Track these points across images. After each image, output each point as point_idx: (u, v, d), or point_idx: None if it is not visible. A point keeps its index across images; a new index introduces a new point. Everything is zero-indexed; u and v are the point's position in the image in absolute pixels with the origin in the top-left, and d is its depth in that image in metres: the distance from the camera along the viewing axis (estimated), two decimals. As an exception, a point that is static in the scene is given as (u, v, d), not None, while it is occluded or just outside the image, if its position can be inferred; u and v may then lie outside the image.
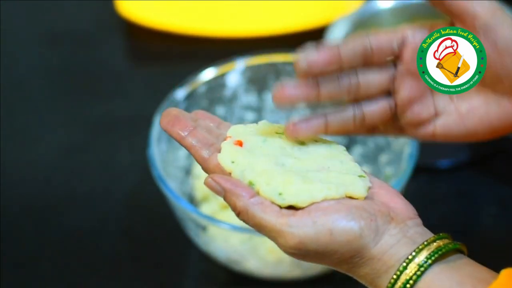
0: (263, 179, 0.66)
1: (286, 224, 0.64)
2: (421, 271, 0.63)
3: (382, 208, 0.66)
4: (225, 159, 0.68)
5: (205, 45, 1.36)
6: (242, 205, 0.65)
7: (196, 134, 0.70)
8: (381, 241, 0.65)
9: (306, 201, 0.65)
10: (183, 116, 0.72)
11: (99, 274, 1.06)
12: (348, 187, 0.66)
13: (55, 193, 1.16)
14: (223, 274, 1.05)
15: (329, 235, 0.64)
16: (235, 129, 0.72)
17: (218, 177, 0.67)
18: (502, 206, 1.11)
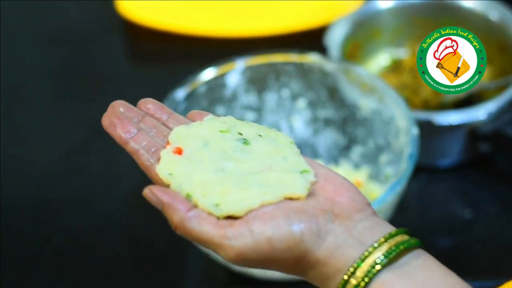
0: (200, 191, 0.64)
1: (224, 236, 0.62)
2: (369, 278, 0.60)
3: (324, 206, 0.63)
4: (163, 171, 0.66)
5: (205, 45, 1.36)
6: (178, 220, 0.63)
7: (139, 139, 0.68)
8: (325, 243, 0.62)
9: (243, 210, 0.63)
10: (126, 117, 0.70)
11: (99, 274, 1.06)
12: (286, 188, 0.64)
13: (55, 193, 1.16)
14: (223, 274, 1.05)
15: (268, 244, 0.61)
16: (177, 132, 0.69)
17: (156, 190, 0.65)
18: (502, 206, 1.11)
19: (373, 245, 0.61)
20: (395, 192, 0.96)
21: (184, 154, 0.67)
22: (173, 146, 0.68)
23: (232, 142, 0.68)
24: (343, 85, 1.12)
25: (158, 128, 0.70)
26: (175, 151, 0.67)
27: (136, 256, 1.08)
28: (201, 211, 0.63)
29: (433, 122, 1.08)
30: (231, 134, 0.69)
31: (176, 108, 1.08)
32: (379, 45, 1.26)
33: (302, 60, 1.12)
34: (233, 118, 0.71)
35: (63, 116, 1.27)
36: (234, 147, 0.68)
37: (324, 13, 1.35)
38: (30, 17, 1.45)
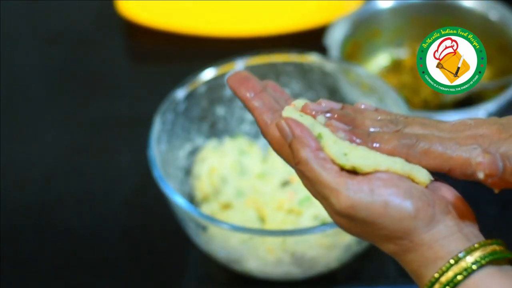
0: (330, 136, 0.65)
1: (344, 184, 0.62)
2: (471, 269, 0.61)
3: (442, 200, 0.64)
4: (291, 111, 0.67)
5: (205, 45, 1.36)
6: (305, 155, 0.63)
7: (262, 98, 0.69)
8: (434, 229, 0.62)
9: (370, 166, 0.63)
10: (252, 78, 0.70)
11: (99, 274, 1.06)
12: (413, 169, 0.64)
13: (55, 193, 1.16)
14: (223, 274, 1.05)
15: (384, 207, 0.62)
16: (301, 102, 0.69)
17: (291, 121, 0.65)
18: (502, 206, 1.11)
19: (479, 243, 0.62)
20: (395, 192, 0.96)
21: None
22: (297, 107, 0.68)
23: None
24: (343, 85, 1.12)
25: (279, 100, 0.70)
26: (301, 110, 0.68)
27: (136, 256, 1.08)
28: (327, 156, 0.64)
29: (433, 122, 1.08)
30: None
31: (176, 108, 1.08)
32: (379, 45, 1.27)
33: (302, 60, 1.12)
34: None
35: (63, 116, 1.27)
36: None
37: (324, 13, 1.35)
38: (30, 17, 1.45)
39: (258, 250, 0.98)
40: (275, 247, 0.97)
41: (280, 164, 1.11)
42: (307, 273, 1.01)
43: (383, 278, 1.02)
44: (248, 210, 1.04)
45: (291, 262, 0.99)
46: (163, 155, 1.04)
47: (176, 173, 1.08)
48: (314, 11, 1.37)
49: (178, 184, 1.07)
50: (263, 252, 0.98)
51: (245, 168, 1.10)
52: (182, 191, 1.06)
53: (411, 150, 0.66)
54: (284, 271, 1.00)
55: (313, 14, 1.36)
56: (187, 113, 1.10)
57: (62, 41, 1.40)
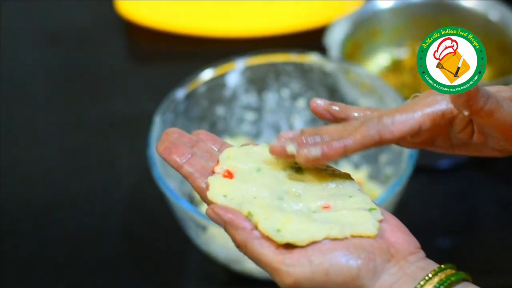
0: (261, 212, 0.63)
1: (282, 262, 0.62)
2: None
3: (382, 245, 0.64)
4: (215, 195, 0.65)
5: (205, 45, 1.36)
6: (241, 239, 0.64)
7: (193, 162, 0.68)
8: (379, 281, 0.62)
9: (305, 240, 0.62)
10: (180, 142, 0.70)
11: (99, 274, 1.06)
12: (356, 227, 0.63)
13: (55, 193, 1.16)
14: (223, 274, 1.05)
15: (325, 275, 0.62)
16: (228, 153, 0.68)
17: (218, 208, 0.65)
18: (502, 206, 1.11)
19: (425, 278, 0.62)
20: (395, 192, 0.96)
21: (236, 177, 0.66)
22: (223, 168, 0.67)
23: (285, 170, 0.67)
24: (343, 85, 1.12)
25: (211, 153, 0.70)
26: (225, 175, 0.67)
27: (136, 256, 1.08)
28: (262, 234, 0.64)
29: (433, 122, 1.08)
30: (284, 161, 0.67)
31: (176, 108, 1.08)
32: (379, 45, 1.26)
33: (302, 60, 1.12)
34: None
35: (63, 116, 1.27)
36: (288, 175, 0.67)
37: (324, 13, 1.35)
38: (30, 17, 1.45)
39: (258, 250, 0.98)
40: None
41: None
42: (307, 273, 1.01)
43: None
44: (248, 210, 1.04)
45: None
46: (163, 155, 1.04)
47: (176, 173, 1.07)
48: (314, 11, 1.37)
49: (178, 184, 1.07)
50: (263, 252, 0.98)
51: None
52: (182, 191, 1.06)
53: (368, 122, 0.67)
54: (284, 271, 1.00)
55: (313, 14, 1.36)
56: (187, 113, 1.10)
57: (62, 41, 1.40)
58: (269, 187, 0.66)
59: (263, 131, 1.16)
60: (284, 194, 0.65)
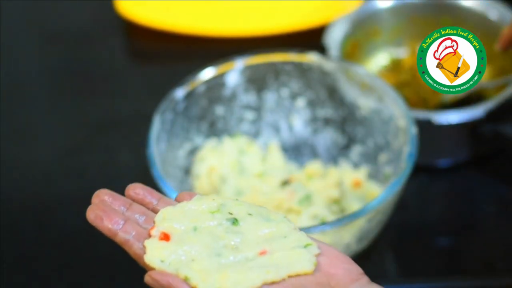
0: (198, 276, 0.64)
1: None
2: None
3: (321, 279, 0.64)
4: (153, 260, 0.66)
5: (204, 45, 1.36)
6: None
7: (128, 228, 0.67)
8: None
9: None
10: (111, 209, 0.69)
11: (99, 274, 1.06)
12: (293, 267, 0.64)
13: (55, 193, 1.16)
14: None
15: None
16: (163, 214, 0.68)
17: (155, 274, 0.65)
18: (502, 206, 1.11)
19: None
20: (394, 192, 0.96)
21: (173, 239, 0.67)
22: (159, 230, 0.67)
23: (221, 224, 0.68)
24: (343, 85, 1.12)
25: (148, 215, 0.69)
26: (161, 237, 0.67)
27: (136, 255, 1.08)
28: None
29: (433, 122, 1.08)
30: (221, 213, 0.68)
31: (175, 108, 1.08)
32: (379, 45, 1.26)
33: (302, 59, 1.12)
34: (221, 197, 0.70)
35: (63, 116, 1.27)
36: (224, 229, 0.68)
37: (323, 12, 1.35)
38: (30, 17, 1.45)
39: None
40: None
41: (279, 164, 1.11)
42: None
43: (383, 278, 1.02)
44: (247, 209, 1.04)
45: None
46: (163, 154, 1.04)
47: (175, 173, 1.08)
48: (314, 10, 1.37)
49: (178, 183, 1.07)
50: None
51: (244, 167, 1.10)
52: (182, 191, 1.06)
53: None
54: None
55: (313, 13, 1.36)
56: (186, 113, 1.10)
57: (62, 41, 1.40)
58: (206, 245, 0.66)
59: (263, 131, 1.16)
60: (222, 250, 0.66)
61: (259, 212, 0.69)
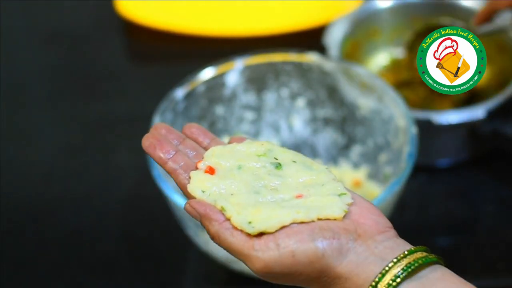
0: (234, 208, 0.67)
1: (252, 248, 0.65)
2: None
3: (348, 226, 0.65)
4: (195, 189, 0.69)
5: (204, 45, 1.36)
6: (214, 231, 0.67)
7: (178, 159, 0.71)
8: (346, 260, 0.64)
9: (274, 226, 0.65)
10: (166, 139, 0.72)
11: (99, 274, 1.06)
12: (322, 211, 0.66)
13: (54, 193, 1.16)
14: (222, 273, 1.05)
15: (292, 257, 0.64)
16: (212, 151, 0.71)
17: (194, 203, 0.68)
18: (502, 206, 1.11)
19: (393, 260, 0.63)
20: (394, 192, 0.96)
21: (217, 174, 0.70)
22: (206, 164, 0.70)
23: (265, 166, 0.71)
24: (342, 85, 1.12)
25: (198, 151, 0.73)
26: (207, 170, 0.70)
27: (136, 256, 1.08)
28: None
29: (432, 122, 1.08)
30: (267, 157, 0.71)
31: (175, 108, 1.08)
32: (378, 45, 1.26)
33: (301, 59, 1.12)
34: (270, 142, 0.73)
35: (63, 116, 1.27)
36: (267, 171, 0.70)
37: (323, 12, 1.35)
38: (30, 17, 1.45)
39: (257, 249, 0.98)
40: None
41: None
42: (307, 273, 1.01)
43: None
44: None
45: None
46: (163, 154, 1.04)
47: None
48: (313, 10, 1.37)
49: (178, 183, 1.07)
50: (262, 251, 0.98)
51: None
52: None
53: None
54: (283, 271, 1.00)
55: (312, 13, 1.36)
56: (186, 113, 1.10)
57: (62, 41, 1.40)
58: (247, 183, 0.69)
59: (263, 131, 1.16)
60: (261, 189, 0.69)
61: (303, 161, 0.71)
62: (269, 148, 0.72)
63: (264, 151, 0.72)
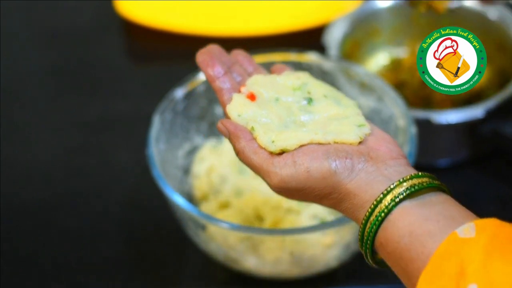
0: (262, 129, 0.74)
1: (272, 164, 0.72)
2: (392, 206, 0.67)
3: (362, 149, 0.71)
4: (232, 111, 0.76)
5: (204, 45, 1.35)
6: (240, 147, 0.74)
7: (225, 80, 0.78)
8: (356, 178, 0.69)
9: (294, 145, 0.72)
10: (218, 58, 0.78)
11: (99, 274, 1.06)
12: (339, 135, 0.72)
13: (54, 193, 1.16)
14: (222, 273, 1.05)
15: (307, 173, 0.70)
16: (255, 79, 0.78)
17: (226, 121, 0.75)
18: (502, 206, 1.11)
19: (399, 180, 0.68)
20: (395, 192, 0.96)
21: (256, 101, 0.77)
22: (248, 90, 0.78)
23: (298, 102, 0.78)
24: (342, 84, 1.12)
25: (244, 77, 0.80)
26: (248, 95, 0.77)
27: (136, 255, 1.08)
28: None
29: (432, 121, 1.09)
30: (301, 91, 0.78)
31: (175, 108, 1.08)
32: (378, 44, 1.26)
33: (301, 59, 1.12)
34: (307, 75, 0.80)
35: (63, 116, 1.27)
36: (299, 107, 0.77)
37: (323, 12, 1.35)
38: (29, 16, 1.45)
39: (257, 249, 0.98)
40: (274, 246, 0.97)
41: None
42: (306, 272, 1.01)
43: (383, 277, 1.02)
44: (247, 209, 1.04)
45: (290, 261, 0.99)
46: (162, 154, 1.04)
47: (175, 173, 1.08)
48: (313, 10, 1.37)
49: (177, 183, 1.07)
50: (262, 251, 0.98)
51: (243, 167, 1.10)
52: (181, 190, 1.07)
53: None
54: (283, 270, 1.00)
55: (312, 13, 1.36)
56: (186, 112, 1.10)
57: (61, 40, 1.40)
58: (280, 117, 0.76)
59: (262, 130, 1.16)
60: (290, 124, 0.76)
61: (334, 96, 0.78)
62: (304, 82, 0.79)
63: (299, 84, 0.78)
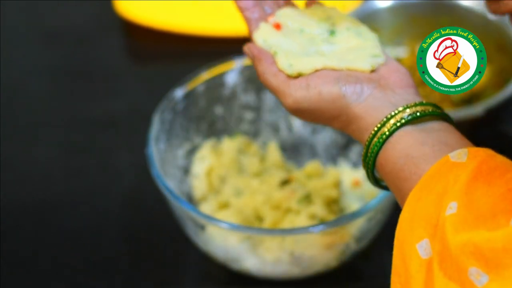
0: (284, 53, 0.78)
1: (288, 86, 0.76)
2: (393, 129, 0.70)
3: (373, 77, 0.75)
4: (258, 37, 0.81)
5: (203, 44, 1.36)
6: (261, 69, 0.79)
7: (254, 11, 0.83)
8: (364, 102, 0.73)
9: (309, 69, 0.76)
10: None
11: (99, 274, 1.06)
12: (352, 63, 0.76)
13: (54, 193, 1.16)
14: (222, 273, 1.05)
15: (319, 95, 0.74)
16: (284, 11, 0.83)
17: (251, 45, 0.81)
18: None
19: (403, 106, 0.71)
20: (394, 192, 0.96)
21: (281, 31, 0.81)
22: (275, 21, 0.82)
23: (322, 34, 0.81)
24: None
25: (274, 10, 0.84)
26: (274, 25, 0.82)
27: (136, 255, 1.08)
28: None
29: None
30: (326, 24, 0.82)
31: (174, 108, 1.08)
32: (378, 44, 1.26)
33: (301, 59, 1.12)
34: (335, 9, 0.83)
35: (62, 115, 1.27)
36: (322, 39, 0.81)
37: (322, 12, 1.35)
38: (29, 16, 1.45)
39: (256, 249, 0.98)
40: (273, 246, 0.97)
41: (278, 164, 1.11)
42: (306, 272, 1.01)
43: (382, 277, 1.02)
44: (246, 209, 1.04)
45: (290, 261, 0.99)
46: (162, 154, 1.04)
47: (174, 172, 1.08)
48: (313, 10, 1.36)
49: (177, 183, 1.07)
50: (261, 251, 0.98)
51: (243, 167, 1.10)
52: (181, 190, 1.07)
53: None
54: (283, 270, 1.00)
55: (312, 13, 1.36)
56: (185, 112, 1.10)
57: (61, 40, 1.40)
58: (303, 46, 0.80)
59: (262, 130, 1.16)
60: (312, 52, 0.79)
61: (356, 28, 0.82)
62: (329, 15, 0.82)
63: (325, 18, 0.82)
